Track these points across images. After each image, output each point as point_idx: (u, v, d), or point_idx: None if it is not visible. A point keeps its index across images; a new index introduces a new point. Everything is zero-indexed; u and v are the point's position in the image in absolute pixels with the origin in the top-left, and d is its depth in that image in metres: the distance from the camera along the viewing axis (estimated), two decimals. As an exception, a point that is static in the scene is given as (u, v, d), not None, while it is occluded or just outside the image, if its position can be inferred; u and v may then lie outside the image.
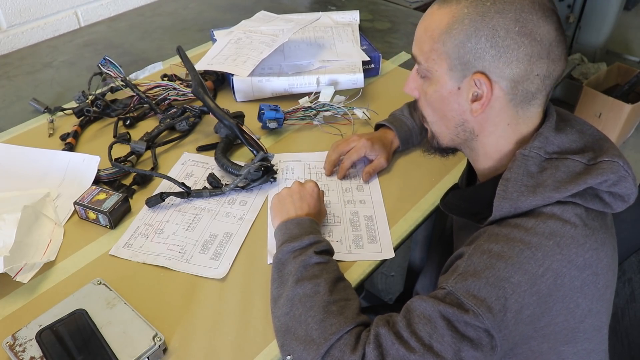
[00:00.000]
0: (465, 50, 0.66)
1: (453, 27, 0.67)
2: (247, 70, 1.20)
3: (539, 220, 0.64)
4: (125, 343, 0.71)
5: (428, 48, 0.70)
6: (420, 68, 0.73)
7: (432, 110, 0.75)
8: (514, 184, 0.67)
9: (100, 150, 1.04)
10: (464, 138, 0.74)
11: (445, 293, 0.65)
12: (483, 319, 0.61)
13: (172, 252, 0.88)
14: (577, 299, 0.65)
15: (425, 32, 0.71)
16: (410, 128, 1.06)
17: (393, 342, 0.64)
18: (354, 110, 1.16)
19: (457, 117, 0.72)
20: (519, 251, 0.63)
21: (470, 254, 0.66)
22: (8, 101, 1.28)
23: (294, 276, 0.74)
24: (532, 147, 0.68)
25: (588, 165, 0.66)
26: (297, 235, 0.80)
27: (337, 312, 0.70)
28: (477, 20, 0.65)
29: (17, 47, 1.54)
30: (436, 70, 0.70)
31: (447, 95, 0.71)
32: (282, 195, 0.89)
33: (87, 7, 1.66)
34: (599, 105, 2.34)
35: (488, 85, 0.66)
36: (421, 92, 0.76)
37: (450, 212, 0.81)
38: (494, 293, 0.62)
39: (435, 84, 0.71)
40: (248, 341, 0.75)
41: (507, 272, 0.62)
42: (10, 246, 0.81)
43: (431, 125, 0.78)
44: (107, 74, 1.19)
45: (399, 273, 1.98)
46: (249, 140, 1.03)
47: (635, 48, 3.11)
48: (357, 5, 1.77)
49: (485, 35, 0.65)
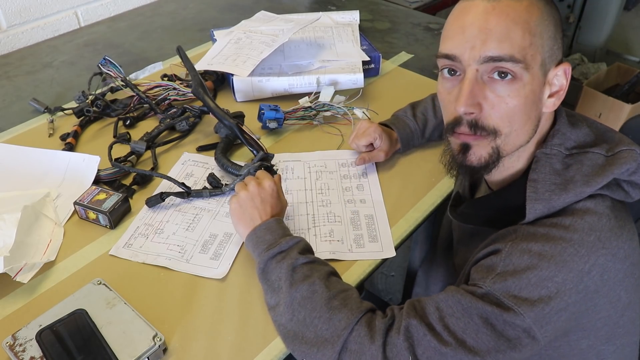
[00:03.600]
0: (554, 40, 0.65)
1: (543, 17, 0.64)
2: (247, 70, 1.20)
3: (575, 217, 0.63)
4: (125, 343, 0.71)
5: (527, 43, 0.63)
6: (515, 69, 0.63)
7: (516, 116, 0.65)
8: (543, 184, 0.66)
9: (100, 150, 1.04)
10: (525, 142, 0.69)
11: (484, 293, 0.63)
12: (524, 317, 0.60)
13: (172, 252, 0.88)
14: (619, 292, 0.65)
15: (517, 25, 0.62)
16: (412, 130, 1.06)
17: (425, 333, 0.63)
18: (354, 110, 1.16)
19: (536, 118, 0.67)
20: (562, 249, 0.62)
21: (509, 253, 0.64)
22: (8, 101, 1.28)
23: (286, 281, 0.73)
24: (552, 145, 0.68)
25: (607, 156, 0.66)
26: (272, 240, 0.78)
27: (340, 305, 0.69)
28: (551, 11, 0.65)
29: (17, 47, 1.54)
30: (532, 67, 0.64)
31: (538, 94, 0.66)
32: (242, 200, 0.83)
33: (87, 7, 1.66)
34: (599, 105, 2.34)
35: (565, 76, 0.66)
36: (494, 103, 0.65)
37: (466, 222, 0.80)
38: (537, 293, 0.61)
39: (529, 84, 0.64)
40: (248, 341, 0.75)
41: (551, 272, 0.61)
42: (10, 246, 0.80)
43: (505, 137, 0.67)
44: (107, 74, 1.19)
45: (399, 273, 1.98)
46: (249, 140, 1.03)
47: (635, 48, 3.11)
48: (357, 5, 1.77)
49: (555, 25, 0.65)
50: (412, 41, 1.53)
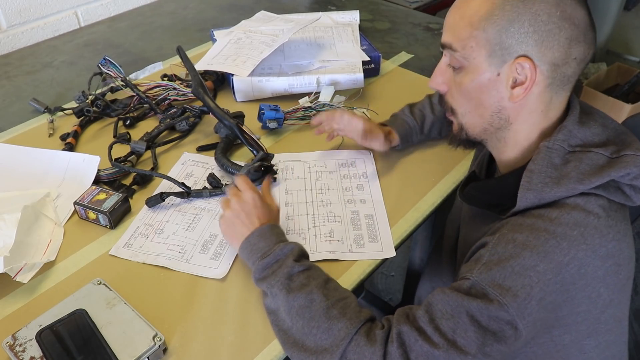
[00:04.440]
0: (507, 35, 0.66)
1: (494, 13, 0.67)
2: (247, 70, 1.20)
3: (563, 211, 0.65)
4: (125, 343, 0.71)
5: (466, 35, 0.69)
6: (456, 56, 0.71)
7: (466, 100, 0.74)
8: (538, 175, 0.67)
9: (100, 150, 1.04)
10: (497, 127, 0.74)
11: (470, 284, 0.65)
12: (508, 308, 0.62)
13: (172, 252, 0.88)
14: (599, 289, 0.66)
15: (462, 19, 0.69)
16: (411, 127, 1.06)
17: (416, 338, 0.64)
18: (354, 110, 1.16)
19: (494, 105, 0.72)
20: (544, 240, 0.64)
21: (495, 244, 0.67)
22: (8, 101, 1.28)
23: (283, 290, 0.72)
24: (555, 140, 0.68)
25: (611, 158, 0.67)
26: (266, 248, 0.77)
27: (339, 315, 0.69)
28: (519, 5, 0.66)
29: (17, 47, 1.54)
30: (474, 58, 0.70)
31: (486, 83, 0.70)
32: (228, 219, 0.83)
33: (87, 7, 1.67)
34: (599, 105, 2.34)
35: (532, 69, 0.67)
36: (452, 84, 0.75)
37: (470, 202, 0.81)
38: (520, 281, 0.63)
39: (473, 72, 0.71)
40: (248, 341, 0.75)
41: (533, 261, 0.63)
42: (10, 246, 0.81)
43: (462, 117, 0.76)
44: (107, 74, 1.19)
45: (399, 273, 1.98)
46: (249, 140, 1.03)
47: (635, 48, 3.11)
48: (357, 5, 1.77)
49: (528, 20, 0.65)
50: (412, 41, 1.54)
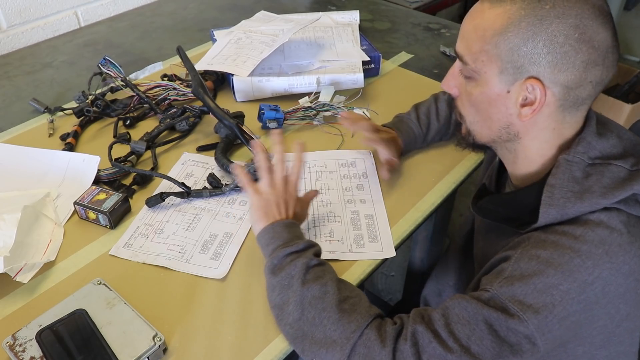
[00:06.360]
0: (519, 54, 0.64)
1: (508, 29, 0.63)
2: (247, 70, 1.20)
3: (587, 228, 0.64)
4: (125, 343, 0.71)
5: (477, 49, 0.67)
6: (466, 68, 0.70)
7: (474, 110, 0.72)
8: (560, 190, 0.66)
9: (100, 150, 1.04)
10: (506, 139, 0.72)
11: (490, 296, 0.64)
12: (528, 324, 0.61)
13: (172, 252, 0.88)
14: (618, 305, 0.65)
15: (475, 32, 0.67)
16: (415, 135, 1.05)
17: (430, 340, 0.64)
18: (354, 110, 1.16)
19: (502, 120, 0.70)
20: (569, 259, 0.62)
21: (517, 259, 0.65)
22: (8, 101, 1.28)
23: (299, 279, 0.73)
24: (575, 153, 0.67)
25: (631, 170, 0.66)
26: (290, 239, 0.78)
27: (351, 309, 0.70)
28: (535, 24, 0.62)
29: (17, 47, 1.54)
30: (485, 72, 0.67)
31: (495, 98, 0.68)
32: (267, 197, 0.82)
33: (87, 7, 1.66)
34: (599, 105, 2.33)
35: (542, 91, 0.64)
36: (463, 91, 0.73)
37: (484, 216, 0.80)
38: (542, 299, 0.62)
39: (483, 86, 0.69)
40: (248, 341, 0.75)
41: (557, 279, 0.62)
42: (10, 246, 0.80)
43: (470, 124, 0.75)
44: (107, 74, 1.19)
45: (399, 273, 1.98)
46: (249, 140, 1.03)
47: (635, 48, 3.11)
48: (357, 5, 1.77)
49: (543, 41, 0.62)
50: (412, 41, 1.53)
